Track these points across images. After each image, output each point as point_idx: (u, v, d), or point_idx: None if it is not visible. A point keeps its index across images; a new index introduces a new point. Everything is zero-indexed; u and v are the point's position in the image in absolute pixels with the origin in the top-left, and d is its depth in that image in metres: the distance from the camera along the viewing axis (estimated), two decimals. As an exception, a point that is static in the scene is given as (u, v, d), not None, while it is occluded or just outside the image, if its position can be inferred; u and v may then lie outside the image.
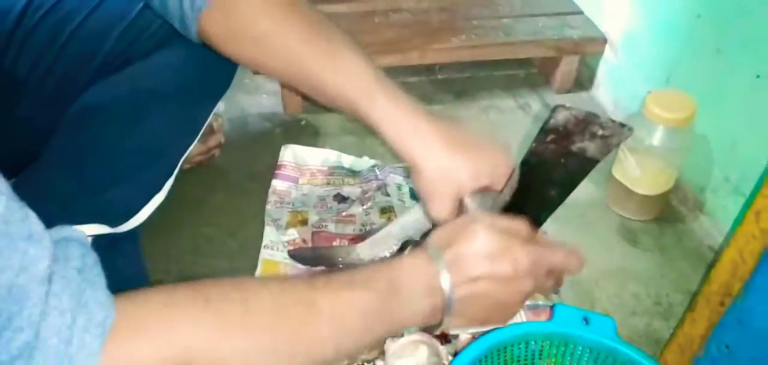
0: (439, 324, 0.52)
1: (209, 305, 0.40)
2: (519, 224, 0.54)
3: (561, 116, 0.52)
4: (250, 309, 0.41)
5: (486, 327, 0.56)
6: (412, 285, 0.49)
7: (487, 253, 0.50)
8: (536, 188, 0.58)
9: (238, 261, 0.80)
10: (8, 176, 0.49)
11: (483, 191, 0.59)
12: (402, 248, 0.63)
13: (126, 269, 0.66)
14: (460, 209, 0.60)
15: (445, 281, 0.49)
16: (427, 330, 0.56)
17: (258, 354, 0.42)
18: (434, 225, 0.63)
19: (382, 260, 0.70)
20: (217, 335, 0.40)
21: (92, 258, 0.37)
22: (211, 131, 0.91)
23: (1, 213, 0.32)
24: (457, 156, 0.59)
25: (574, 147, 0.54)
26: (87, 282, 0.35)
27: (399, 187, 0.89)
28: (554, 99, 1.15)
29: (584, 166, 0.56)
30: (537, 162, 0.56)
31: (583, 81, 1.18)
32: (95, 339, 0.34)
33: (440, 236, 0.52)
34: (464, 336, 0.69)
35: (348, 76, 0.60)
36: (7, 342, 0.32)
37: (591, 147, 0.54)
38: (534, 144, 0.55)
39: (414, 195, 0.88)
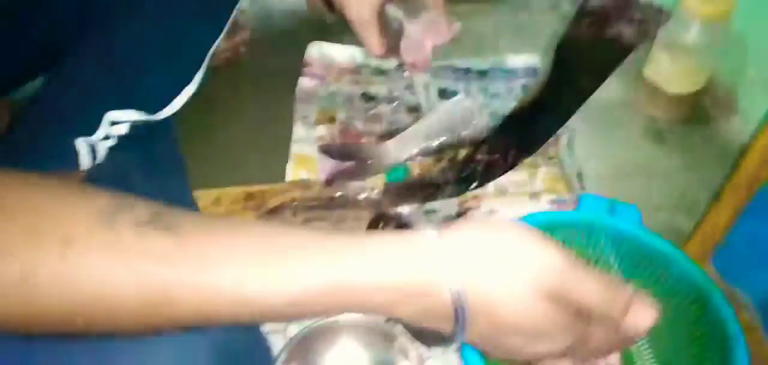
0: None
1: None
2: (598, 292, 0.38)
3: (598, -1, 0.51)
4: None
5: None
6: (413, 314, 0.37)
7: (524, 332, 0.37)
8: (568, 77, 0.58)
9: (268, 157, 0.81)
10: (40, 72, 0.47)
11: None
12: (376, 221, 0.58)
13: (164, 155, 0.68)
14: (382, 19, 0.56)
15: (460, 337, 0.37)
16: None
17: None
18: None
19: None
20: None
21: None
22: (236, 26, 0.91)
23: None
24: None
25: (610, 32, 0.53)
26: None
27: (426, 86, 0.89)
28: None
29: (619, 53, 0.55)
30: (571, 47, 0.55)
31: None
32: None
33: (465, 251, 0.36)
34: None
35: None
36: None
37: (627, 32, 0.53)
38: (569, 27, 0.54)
39: (441, 94, 0.88)
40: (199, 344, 0.44)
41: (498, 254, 0.36)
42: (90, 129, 0.63)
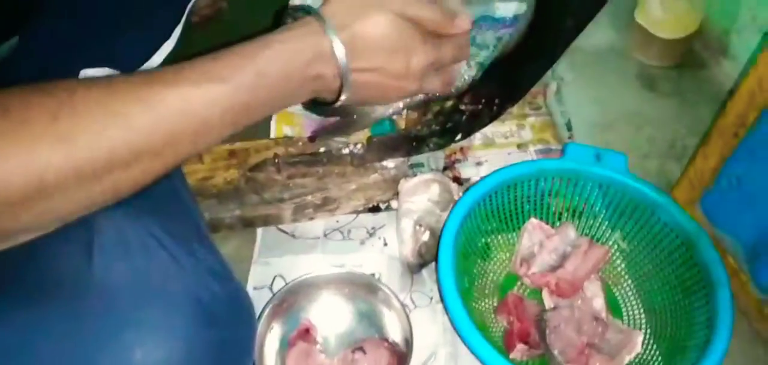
0: (335, 101, 0.51)
1: (9, 116, 0.35)
2: (432, 15, 0.51)
3: None
4: (66, 114, 0.36)
5: (381, 102, 0.59)
6: (289, 71, 0.45)
7: (387, 46, 0.49)
8: (551, 21, 0.56)
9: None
10: (14, 32, 0.47)
11: None
12: (278, 17, 0.58)
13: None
14: None
15: (343, 64, 0.47)
16: (321, 104, 0.53)
17: (89, 163, 0.37)
18: None
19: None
20: (28, 151, 0.34)
21: None
22: (218, -19, 0.89)
23: None
24: None
25: None
26: None
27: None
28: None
29: None
30: None
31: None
32: None
33: (336, 11, 0.48)
34: (476, 178, 0.70)
35: None
36: None
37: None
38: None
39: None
40: (182, 302, 0.44)
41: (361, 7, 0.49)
42: None
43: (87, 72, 0.61)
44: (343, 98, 0.50)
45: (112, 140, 0.37)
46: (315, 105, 0.55)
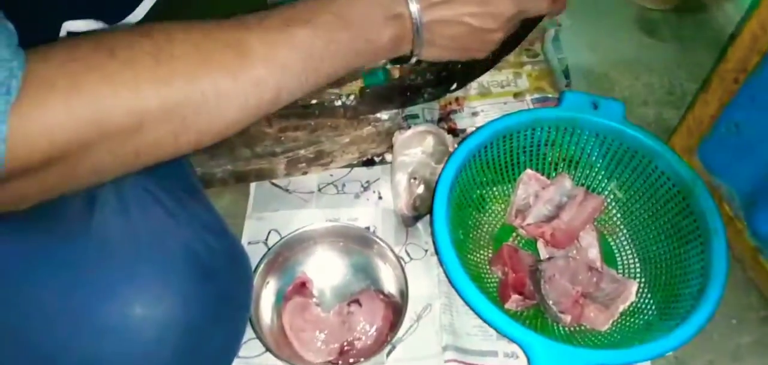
0: (410, 57, 0.50)
1: (115, 57, 0.36)
2: None
3: None
4: (164, 57, 0.37)
5: (464, 57, 0.53)
6: (369, 13, 0.45)
7: None
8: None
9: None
10: None
11: None
12: None
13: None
14: None
15: (412, 4, 0.46)
16: (396, 61, 0.52)
17: (181, 105, 0.38)
18: None
19: None
20: (129, 88, 0.36)
21: None
22: (203, -73, 0.85)
23: None
24: None
25: None
26: None
27: None
28: None
29: None
30: None
31: None
32: None
33: None
34: (471, 129, 0.69)
35: None
36: None
37: None
38: None
39: None
40: (179, 258, 0.44)
41: None
42: (47, 40, 0.60)
43: (70, 24, 0.59)
44: (420, 39, 0.47)
45: (203, 84, 0.38)
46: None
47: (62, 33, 0.58)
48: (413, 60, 0.50)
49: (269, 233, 0.62)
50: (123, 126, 0.36)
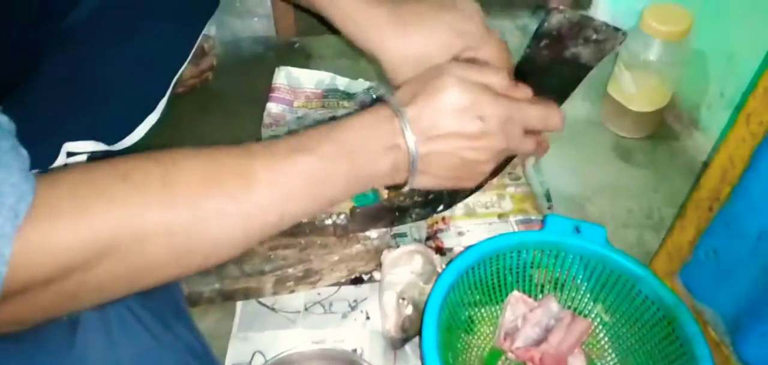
0: (405, 184, 0.51)
1: (127, 181, 0.38)
2: (492, 74, 0.52)
3: (555, 20, 0.51)
4: (172, 181, 0.39)
5: (456, 186, 0.55)
6: (368, 143, 0.48)
7: (452, 109, 0.49)
8: (534, 94, 0.58)
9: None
10: None
11: (469, 62, 0.57)
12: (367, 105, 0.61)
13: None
14: None
15: (409, 137, 0.48)
16: (391, 188, 0.54)
17: (185, 228, 0.39)
18: None
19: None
20: (137, 212, 0.37)
21: (8, 141, 0.36)
22: (202, 52, 0.90)
23: None
24: (412, 33, 0.56)
25: (568, 53, 0.54)
26: None
27: (394, 108, 0.89)
28: (551, 20, 1.13)
29: (578, 72, 0.56)
30: (530, 69, 0.55)
31: (582, 0, 1.16)
32: (7, 222, 0.33)
33: (404, 91, 0.50)
34: (458, 248, 0.70)
35: None
36: None
37: (585, 52, 0.54)
38: (528, 50, 0.54)
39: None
40: None
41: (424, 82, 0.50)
42: (47, 160, 0.61)
43: (70, 145, 0.61)
44: (415, 170, 0.50)
45: (207, 207, 0.40)
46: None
47: (62, 153, 0.60)
48: (406, 188, 0.52)
49: (254, 354, 0.61)
50: (127, 248, 0.37)
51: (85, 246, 0.36)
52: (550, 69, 0.55)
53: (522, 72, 0.56)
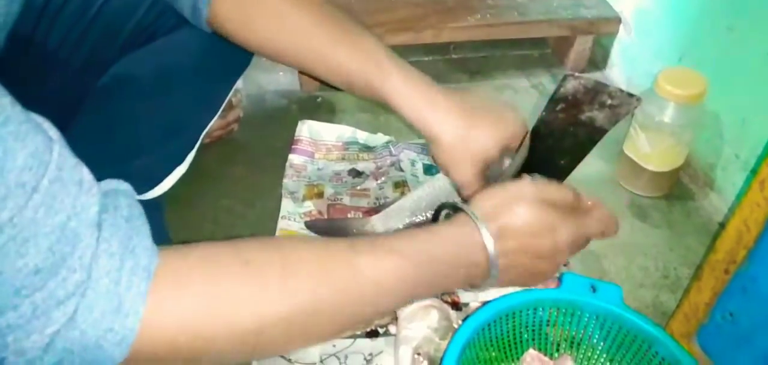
0: (476, 286, 0.55)
1: (249, 267, 0.41)
2: (564, 195, 0.55)
3: (570, 85, 0.53)
4: (291, 271, 0.43)
5: (520, 287, 0.60)
6: (453, 259, 0.51)
7: (531, 230, 0.52)
8: (546, 158, 0.60)
9: (256, 231, 0.82)
10: None
11: (502, 154, 0.62)
12: (437, 213, 0.63)
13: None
14: (483, 172, 0.62)
15: (492, 260, 0.51)
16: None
17: (300, 316, 0.42)
18: (460, 193, 0.65)
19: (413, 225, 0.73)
20: (258, 297, 0.41)
21: (138, 209, 0.40)
22: (230, 105, 0.94)
23: (55, 160, 0.34)
24: (475, 123, 0.61)
25: (583, 116, 0.55)
26: (134, 230, 0.38)
27: (412, 162, 0.91)
28: (567, 78, 1.15)
29: (593, 135, 0.57)
30: (547, 132, 0.57)
31: (597, 61, 1.19)
32: (142, 281, 0.36)
33: (485, 207, 0.53)
34: (474, 303, 0.71)
35: (362, 55, 0.62)
36: (62, 280, 0.34)
37: (599, 116, 0.56)
38: (544, 113, 0.56)
39: (427, 170, 0.90)
40: None
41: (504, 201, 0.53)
42: None
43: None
44: (489, 280, 0.53)
45: (321, 296, 0.44)
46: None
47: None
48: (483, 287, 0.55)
49: (271, 404, 0.61)
50: (247, 327, 0.40)
51: (211, 320, 0.39)
52: (566, 131, 0.57)
53: (538, 134, 0.58)
